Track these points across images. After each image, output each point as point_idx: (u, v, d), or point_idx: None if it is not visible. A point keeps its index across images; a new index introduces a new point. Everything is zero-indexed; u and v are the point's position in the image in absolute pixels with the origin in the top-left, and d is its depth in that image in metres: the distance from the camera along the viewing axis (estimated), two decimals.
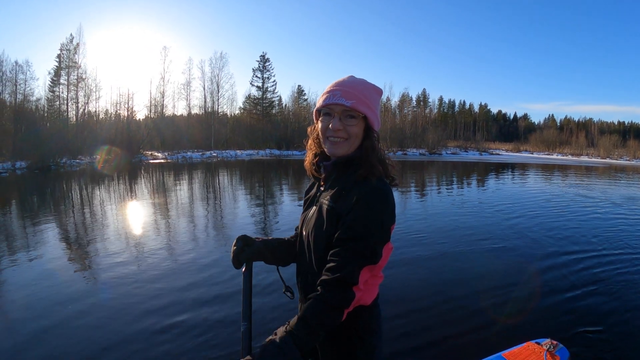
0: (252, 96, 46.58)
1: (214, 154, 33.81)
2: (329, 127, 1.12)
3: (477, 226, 7.38)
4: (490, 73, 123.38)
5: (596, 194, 12.96)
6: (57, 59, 33.27)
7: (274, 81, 46.93)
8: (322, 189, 1.23)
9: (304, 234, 1.21)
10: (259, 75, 46.30)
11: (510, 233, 6.81)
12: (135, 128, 34.39)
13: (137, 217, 8.30)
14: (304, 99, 49.82)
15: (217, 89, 41.74)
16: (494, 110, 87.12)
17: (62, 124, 31.25)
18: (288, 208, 9.47)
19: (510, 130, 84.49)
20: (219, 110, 42.63)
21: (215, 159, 30.97)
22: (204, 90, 41.58)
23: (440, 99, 75.09)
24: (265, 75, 46.29)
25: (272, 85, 46.77)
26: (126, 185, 14.66)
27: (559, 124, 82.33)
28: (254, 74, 46.50)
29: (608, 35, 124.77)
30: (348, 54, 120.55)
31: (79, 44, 33.12)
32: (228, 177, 18.27)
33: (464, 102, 79.00)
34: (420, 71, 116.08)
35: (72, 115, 33.20)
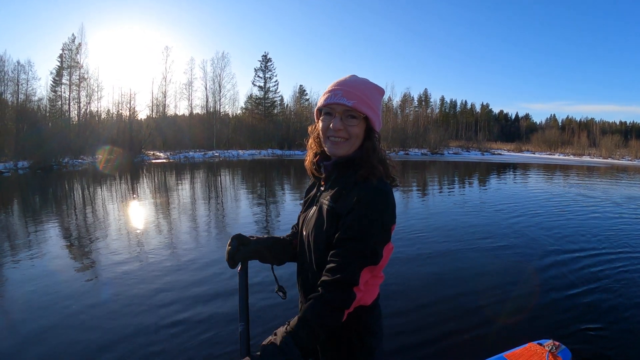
0: (254, 96, 46.66)
1: (216, 154, 33.86)
2: (330, 126, 1.12)
3: (478, 225, 7.37)
4: (491, 73, 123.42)
5: (597, 193, 12.94)
6: (59, 59, 33.41)
7: (276, 81, 46.96)
8: (322, 189, 1.22)
9: (304, 234, 1.21)
10: (261, 75, 46.38)
11: (511, 232, 6.81)
12: (137, 128, 34.40)
13: (139, 217, 8.31)
14: (306, 99, 49.87)
15: (219, 88, 41.85)
16: (495, 110, 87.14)
17: (64, 124, 31.36)
18: (290, 207, 9.48)
19: (511, 130, 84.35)
20: (221, 110, 42.77)
21: (217, 158, 31.01)
22: (206, 90, 41.73)
23: (442, 99, 74.98)
24: (267, 75, 46.36)
25: (274, 85, 46.85)
26: (128, 185, 14.68)
27: (560, 124, 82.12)
28: (255, 74, 46.63)
29: (610, 35, 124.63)
30: (350, 54, 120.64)
31: (80, 43, 33.27)
32: (230, 176, 18.28)
33: (465, 102, 79.04)
34: (421, 71, 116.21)
35: (74, 115, 33.35)
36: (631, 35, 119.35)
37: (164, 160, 28.74)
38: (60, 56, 33.37)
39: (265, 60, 46.36)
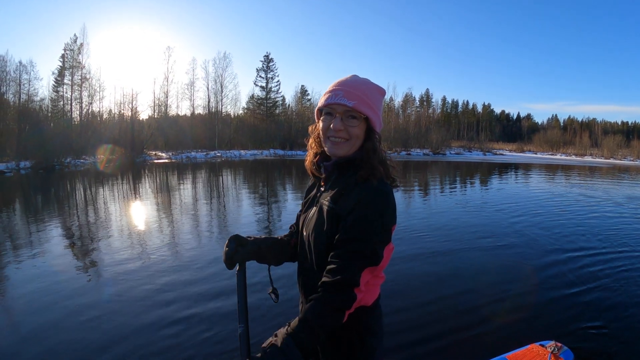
0: (255, 96, 46.64)
1: (217, 154, 33.89)
2: (330, 127, 1.12)
3: (479, 225, 7.36)
4: (493, 73, 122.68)
5: (599, 193, 12.90)
6: (61, 59, 33.50)
7: (278, 81, 46.92)
8: (322, 189, 1.22)
9: (305, 235, 1.20)
10: (263, 75, 46.34)
11: (512, 232, 6.80)
12: (139, 128, 34.46)
13: (141, 217, 8.33)
14: (308, 99, 49.85)
15: (220, 89, 41.87)
16: (497, 110, 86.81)
17: (66, 124, 31.44)
18: (291, 207, 9.47)
19: (513, 130, 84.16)
20: (223, 110, 42.78)
21: (219, 159, 31.04)
22: (208, 90, 41.75)
23: (444, 99, 75.00)
24: (269, 76, 46.32)
25: (276, 86, 46.81)
26: (130, 185, 14.71)
27: (562, 124, 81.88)
28: (257, 74, 46.58)
29: (611, 35, 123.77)
30: (351, 54, 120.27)
31: (82, 44, 33.34)
32: (232, 177, 18.29)
33: (467, 102, 78.76)
34: (423, 71, 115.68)
35: (76, 115, 33.47)
36: (632, 35, 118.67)
37: (166, 161, 28.79)
38: (62, 56, 33.49)
39: (267, 60, 46.39)
